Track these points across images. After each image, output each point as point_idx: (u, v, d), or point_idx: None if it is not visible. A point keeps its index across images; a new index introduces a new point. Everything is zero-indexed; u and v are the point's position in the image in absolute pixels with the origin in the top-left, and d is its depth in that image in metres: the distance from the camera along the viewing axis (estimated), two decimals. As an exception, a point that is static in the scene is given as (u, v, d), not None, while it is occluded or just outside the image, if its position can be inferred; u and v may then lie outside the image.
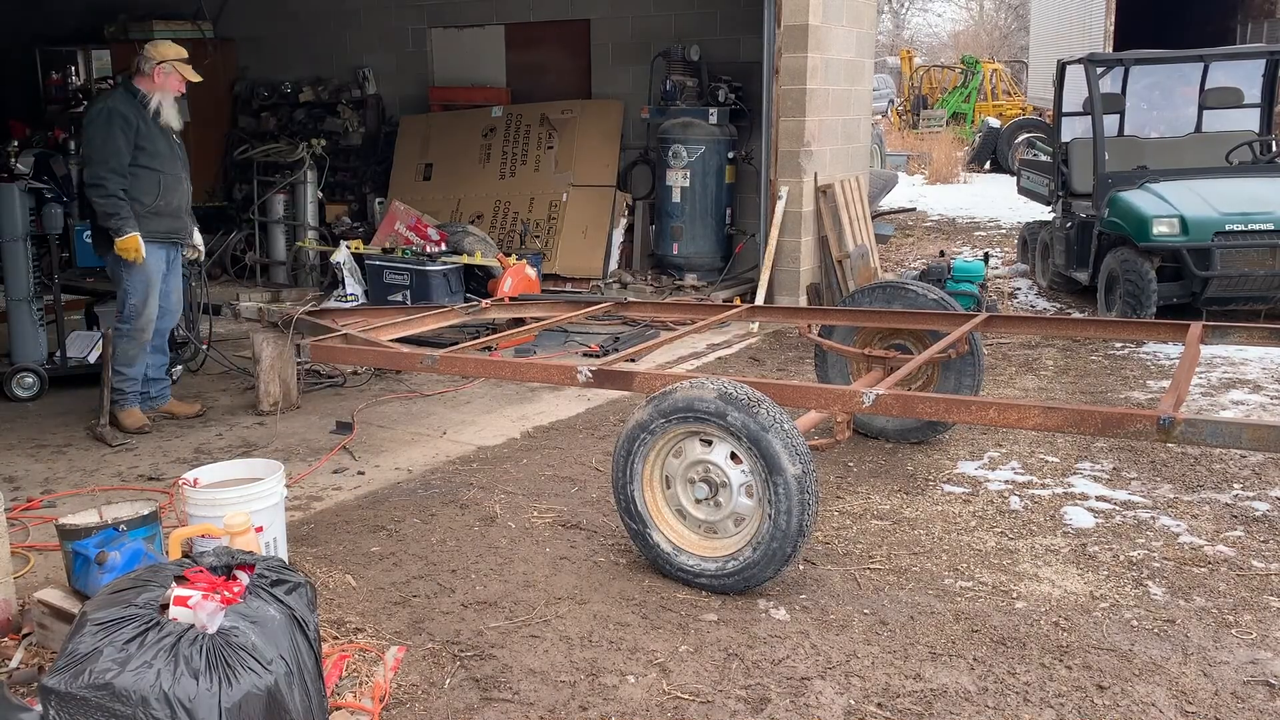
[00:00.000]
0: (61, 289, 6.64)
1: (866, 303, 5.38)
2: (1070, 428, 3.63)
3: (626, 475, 3.84)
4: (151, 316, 5.72)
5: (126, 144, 5.47)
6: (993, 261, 10.51)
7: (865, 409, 3.88)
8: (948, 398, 3.97)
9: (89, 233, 6.57)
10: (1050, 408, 3.61)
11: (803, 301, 8.66)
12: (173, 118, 5.67)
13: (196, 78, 5.69)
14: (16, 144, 9.93)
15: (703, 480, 3.75)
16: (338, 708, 2.95)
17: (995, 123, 21.99)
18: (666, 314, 6.69)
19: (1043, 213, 10.22)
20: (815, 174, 8.64)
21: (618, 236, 9.77)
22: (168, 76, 5.60)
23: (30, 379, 6.41)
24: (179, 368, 6.82)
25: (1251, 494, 4.68)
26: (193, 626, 2.43)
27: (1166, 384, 6.39)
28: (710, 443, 3.73)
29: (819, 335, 5.48)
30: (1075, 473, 4.97)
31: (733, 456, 3.68)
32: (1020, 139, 19.87)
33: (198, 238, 6.13)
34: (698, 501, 3.78)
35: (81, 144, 6.40)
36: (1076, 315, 8.51)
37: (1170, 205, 7.54)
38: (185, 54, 5.66)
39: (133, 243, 5.48)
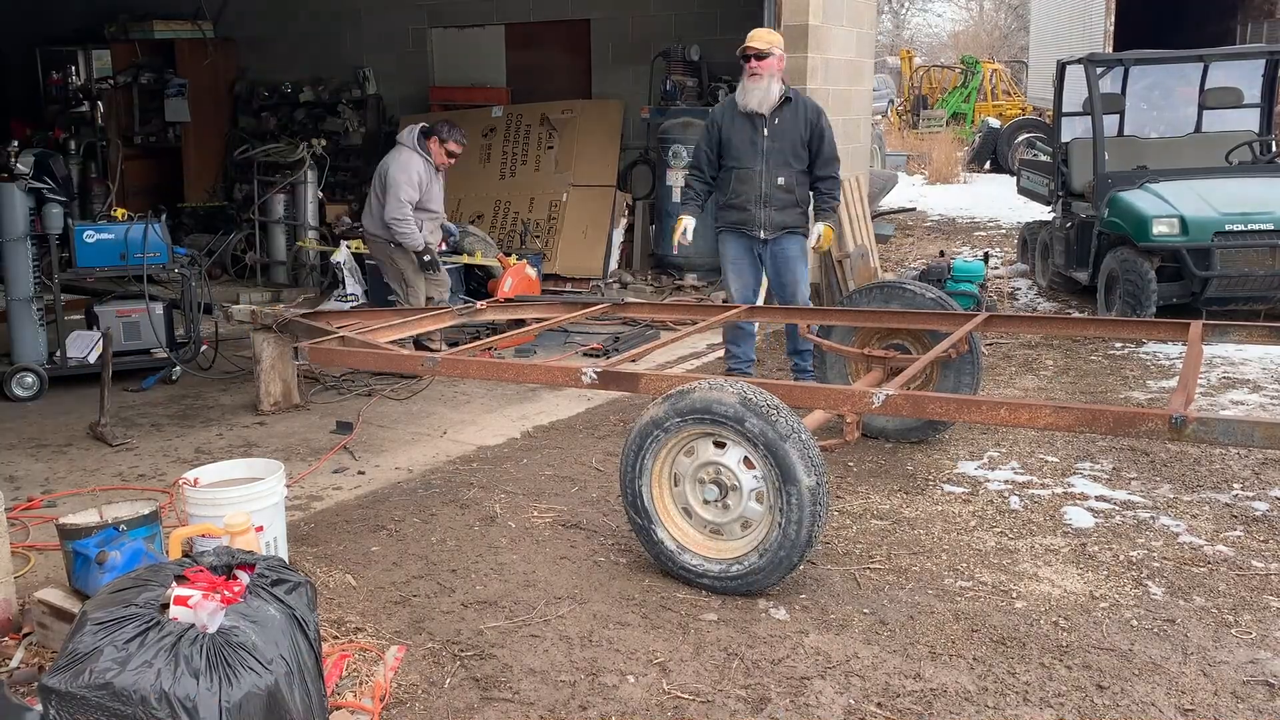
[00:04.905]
0: (61, 289, 6.64)
1: (865, 303, 5.38)
2: (1082, 427, 3.59)
3: (635, 470, 3.81)
4: None
5: None
6: (992, 261, 10.50)
7: (875, 409, 3.85)
8: (959, 398, 3.95)
9: (89, 232, 6.58)
10: (1062, 407, 3.57)
11: (802, 301, 8.64)
12: None
13: None
14: (16, 144, 9.91)
15: (713, 482, 3.73)
16: (338, 707, 2.95)
17: (995, 123, 21.96)
18: (666, 314, 6.69)
19: (1043, 213, 10.21)
20: (815, 174, 8.62)
21: (618, 236, 9.77)
22: None
23: (30, 379, 6.41)
24: (178, 367, 6.82)
25: (1251, 494, 4.68)
26: (193, 626, 2.43)
27: (1167, 384, 6.40)
28: (724, 445, 3.70)
29: (818, 335, 5.48)
30: (1075, 473, 4.97)
31: (745, 461, 3.66)
32: (1020, 139, 19.86)
33: None
34: (706, 503, 3.76)
35: None
36: (1076, 315, 8.51)
37: (1170, 205, 7.54)
38: None
39: None
